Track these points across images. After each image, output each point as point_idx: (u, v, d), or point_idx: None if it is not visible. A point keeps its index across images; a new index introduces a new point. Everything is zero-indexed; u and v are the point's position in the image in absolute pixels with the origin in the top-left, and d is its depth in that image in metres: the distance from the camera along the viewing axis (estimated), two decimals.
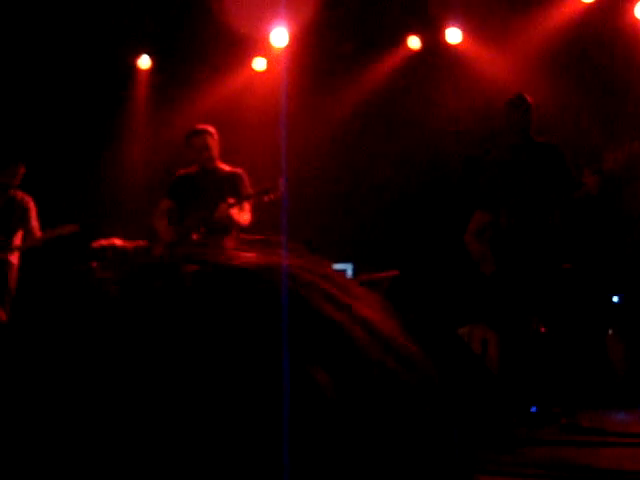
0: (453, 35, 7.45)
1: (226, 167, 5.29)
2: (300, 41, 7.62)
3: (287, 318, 0.37)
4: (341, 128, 7.72)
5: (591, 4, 7.08)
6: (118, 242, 6.97)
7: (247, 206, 5.09)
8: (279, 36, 7.60)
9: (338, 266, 6.79)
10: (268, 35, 7.67)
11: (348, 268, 6.98)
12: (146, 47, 8.03)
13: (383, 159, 7.49)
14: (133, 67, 8.10)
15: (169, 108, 7.84)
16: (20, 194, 6.08)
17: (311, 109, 7.61)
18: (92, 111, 7.72)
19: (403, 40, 7.68)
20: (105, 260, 6.93)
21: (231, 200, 4.93)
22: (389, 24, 7.62)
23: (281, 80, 7.54)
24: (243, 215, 5.05)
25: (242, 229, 5.13)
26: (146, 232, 6.72)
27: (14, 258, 5.99)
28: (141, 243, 6.88)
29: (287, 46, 7.67)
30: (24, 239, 6.01)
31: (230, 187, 5.10)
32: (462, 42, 7.50)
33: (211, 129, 5.23)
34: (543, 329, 5.05)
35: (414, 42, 7.64)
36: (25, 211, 6.02)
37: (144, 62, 8.07)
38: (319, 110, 7.72)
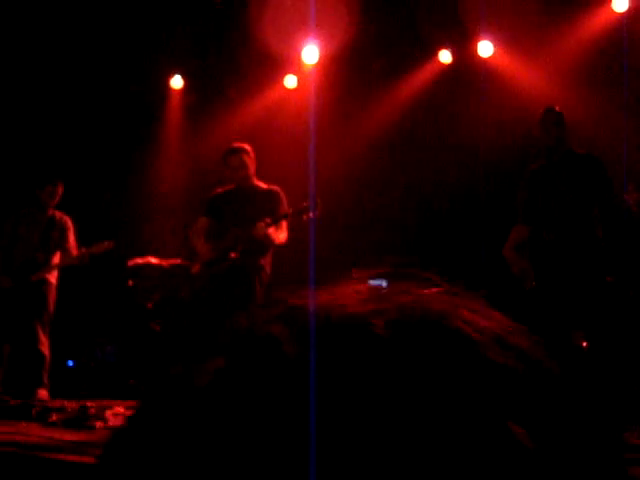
0: (485, 48, 7.43)
1: (263, 185, 5.29)
2: (331, 58, 7.65)
3: (470, 368, 0.37)
4: (373, 143, 7.71)
5: (623, 14, 7.01)
6: (153, 260, 7.02)
7: (284, 224, 5.07)
8: (310, 53, 7.64)
9: (373, 282, 6.76)
10: (299, 53, 7.72)
11: (383, 284, 6.94)
12: (178, 67, 8.13)
13: (417, 174, 7.46)
14: (166, 87, 8.20)
15: (202, 126, 7.91)
16: (59, 213, 6.14)
17: (343, 125, 7.62)
18: (127, 131, 7.81)
19: (434, 54, 7.68)
20: (141, 278, 6.98)
21: (268, 219, 4.91)
22: (419, 39, 7.63)
23: (311, 97, 7.57)
24: (280, 233, 5.03)
25: (278, 247, 5.12)
26: (182, 250, 6.76)
27: (52, 277, 6.04)
28: (176, 261, 6.92)
29: (318, 63, 7.71)
30: (62, 258, 6.06)
31: (267, 205, 5.08)
32: (494, 55, 7.48)
33: (247, 147, 5.23)
34: (585, 344, 4.97)
35: (445, 56, 7.64)
36: (64, 230, 6.07)
37: (177, 82, 8.17)
38: (351, 126, 7.73)
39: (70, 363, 7.24)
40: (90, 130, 7.73)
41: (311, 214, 4.80)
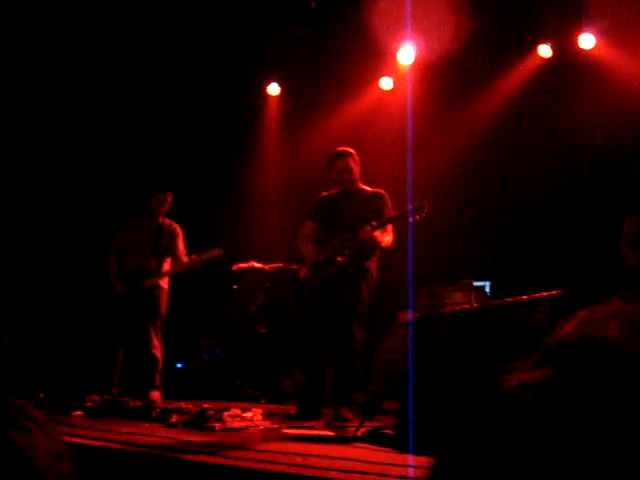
0: (586, 41, 7.21)
1: (368, 188, 5.30)
2: (427, 57, 7.58)
3: None
4: (472, 142, 7.59)
5: None
6: (257, 264, 7.16)
7: (390, 227, 5.04)
8: (406, 54, 7.61)
9: (477, 284, 6.68)
10: (394, 54, 7.69)
11: (486, 285, 6.86)
12: (275, 73, 8.27)
13: (519, 172, 7.30)
14: (263, 94, 8.36)
15: (299, 131, 8.01)
16: (168, 221, 6.32)
17: (441, 124, 7.55)
18: (227, 139, 8.00)
19: (533, 49, 7.50)
20: (245, 281, 7.12)
21: (374, 222, 4.91)
22: (517, 34, 7.47)
23: (407, 98, 7.53)
24: (386, 236, 5.00)
25: (385, 250, 5.11)
26: (285, 254, 6.86)
27: (164, 282, 6.23)
28: (279, 265, 7.03)
29: (414, 63, 7.66)
30: (172, 265, 6.23)
31: (372, 208, 5.08)
32: (595, 47, 7.25)
33: (352, 151, 5.23)
34: None
35: (545, 50, 7.46)
36: (173, 237, 6.24)
37: (273, 89, 8.32)
38: (449, 125, 7.64)
39: (179, 365, 7.46)
40: (193, 140, 7.96)
41: (417, 217, 4.77)
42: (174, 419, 4.54)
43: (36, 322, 7.43)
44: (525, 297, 3.60)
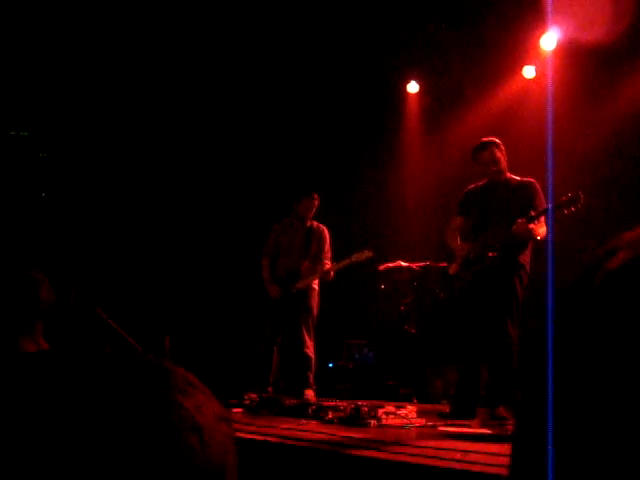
0: None
1: (516, 177, 5.13)
2: (570, 41, 7.24)
3: None
4: (618, 131, 7.13)
5: None
6: (403, 263, 7.14)
7: (542, 218, 4.85)
8: (549, 40, 7.33)
9: None
10: (536, 41, 7.44)
11: None
12: (414, 70, 8.24)
13: None
14: (404, 92, 8.36)
15: (442, 127, 7.91)
16: (316, 224, 6.44)
17: (586, 112, 7.18)
18: (371, 140, 8.05)
19: None
20: (392, 281, 7.13)
21: (533, 212, 4.72)
22: None
23: (550, 85, 7.26)
24: (540, 228, 4.79)
25: (539, 243, 4.92)
26: (432, 252, 6.80)
27: (315, 283, 6.34)
28: (426, 263, 6.98)
29: (556, 49, 7.36)
30: (319, 268, 6.31)
31: (523, 198, 4.90)
32: None
33: (497, 140, 5.08)
34: None
35: None
36: (321, 241, 6.35)
37: (413, 87, 8.31)
38: (593, 113, 7.25)
39: (330, 365, 7.57)
40: (338, 143, 8.09)
41: (572, 208, 4.56)
42: (330, 416, 4.61)
43: (197, 323, 7.81)
44: None
